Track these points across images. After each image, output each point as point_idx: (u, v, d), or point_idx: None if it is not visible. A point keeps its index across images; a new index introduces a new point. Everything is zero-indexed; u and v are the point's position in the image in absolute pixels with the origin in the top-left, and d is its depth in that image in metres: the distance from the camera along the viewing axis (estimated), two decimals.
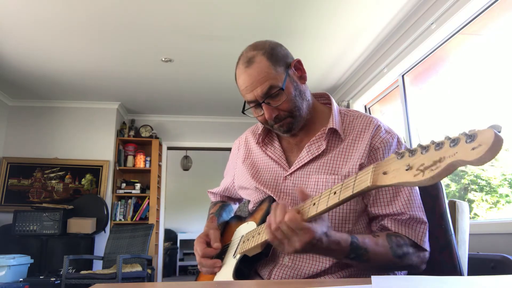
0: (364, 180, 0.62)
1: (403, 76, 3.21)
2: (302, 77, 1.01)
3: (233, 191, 1.24)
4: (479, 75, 2.45)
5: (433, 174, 0.49)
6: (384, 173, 0.59)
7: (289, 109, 0.96)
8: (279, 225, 0.75)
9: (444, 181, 2.86)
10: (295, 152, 1.04)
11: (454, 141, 0.48)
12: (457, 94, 2.68)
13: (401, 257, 0.85)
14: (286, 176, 1.00)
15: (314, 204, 0.73)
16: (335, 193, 0.68)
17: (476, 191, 2.61)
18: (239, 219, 1.11)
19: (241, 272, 0.90)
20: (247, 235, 0.95)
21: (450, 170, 0.48)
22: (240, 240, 0.97)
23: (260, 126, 1.15)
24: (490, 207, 2.49)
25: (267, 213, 0.95)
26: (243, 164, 1.12)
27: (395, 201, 0.91)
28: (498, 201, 2.44)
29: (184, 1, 2.69)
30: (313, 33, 3.14)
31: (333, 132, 1.00)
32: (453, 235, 1.02)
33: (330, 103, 1.07)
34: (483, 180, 2.56)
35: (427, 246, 0.89)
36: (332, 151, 0.98)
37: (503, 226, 2.05)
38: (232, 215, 1.23)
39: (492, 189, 2.47)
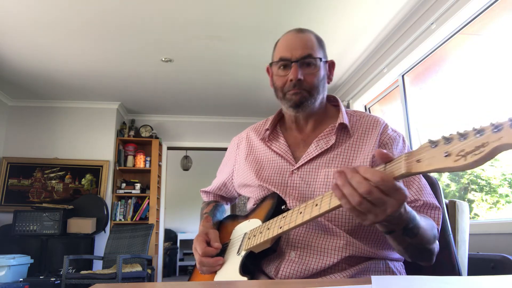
0: (397, 168, 0.62)
1: (403, 76, 3.20)
2: (329, 77, 1.07)
3: (231, 188, 1.23)
4: (479, 75, 2.45)
5: (476, 158, 0.51)
6: (418, 161, 0.59)
7: (312, 84, 0.99)
8: (371, 190, 0.62)
9: (444, 181, 2.86)
10: (301, 148, 1.04)
11: (498, 127, 0.50)
12: (457, 94, 2.68)
13: (433, 240, 0.82)
14: (293, 171, 0.99)
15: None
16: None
17: (476, 191, 2.61)
18: (235, 218, 1.10)
19: (247, 268, 0.89)
20: (253, 231, 0.94)
21: (494, 154, 0.50)
22: (244, 237, 0.96)
23: (263, 122, 1.16)
24: (490, 207, 2.49)
25: (273, 209, 0.94)
26: (246, 161, 1.11)
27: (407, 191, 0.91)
28: (498, 201, 2.44)
29: (184, 1, 2.69)
30: None
31: (342, 128, 1.01)
32: (451, 235, 1.02)
33: (338, 105, 1.10)
34: (483, 180, 2.56)
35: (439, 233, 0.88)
36: (342, 146, 0.99)
37: (503, 226, 2.05)
38: (225, 215, 1.21)
39: (492, 189, 2.47)
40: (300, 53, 0.98)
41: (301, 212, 0.79)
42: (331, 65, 1.07)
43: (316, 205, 0.76)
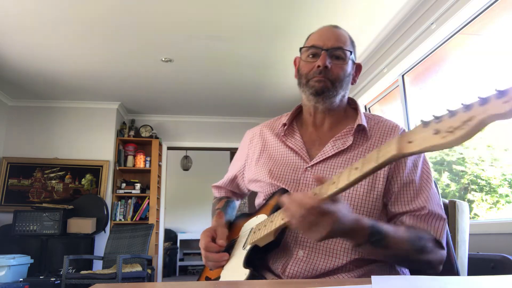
0: (389, 150, 0.62)
1: (403, 76, 3.20)
2: (354, 79, 1.09)
3: (241, 182, 1.22)
4: (479, 75, 2.45)
5: (463, 132, 0.50)
6: (409, 142, 0.59)
7: (338, 75, 1.00)
8: (304, 213, 0.72)
9: (444, 181, 2.86)
10: (316, 146, 1.03)
11: (484, 100, 0.49)
12: (457, 94, 2.68)
13: (420, 251, 0.84)
14: (307, 168, 0.99)
15: (334, 182, 0.71)
16: (356, 168, 0.67)
17: (476, 191, 2.61)
18: (246, 216, 1.09)
19: (251, 261, 0.88)
20: (258, 225, 0.94)
21: (480, 127, 0.49)
22: (250, 232, 0.96)
23: (277, 118, 1.16)
24: (490, 207, 2.49)
25: (278, 204, 0.93)
26: (259, 157, 1.11)
27: (416, 198, 0.92)
28: (498, 201, 2.44)
29: (184, 1, 2.69)
30: None
31: (360, 129, 1.01)
32: (449, 235, 1.02)
33: (356, 107, 1.10)
34: (483, 180, 2.56)
35: (444, 243, 0.89)
36: (359, 148, 0.99)
37: (503, 226, 2.05)
38: (235, 211, 1.21)
39: (492, 189, 2.48)
40: (332, 43, 1.00)
41: None
42: (358, 67, 1.09)
43: (315, 194, 0.75)
